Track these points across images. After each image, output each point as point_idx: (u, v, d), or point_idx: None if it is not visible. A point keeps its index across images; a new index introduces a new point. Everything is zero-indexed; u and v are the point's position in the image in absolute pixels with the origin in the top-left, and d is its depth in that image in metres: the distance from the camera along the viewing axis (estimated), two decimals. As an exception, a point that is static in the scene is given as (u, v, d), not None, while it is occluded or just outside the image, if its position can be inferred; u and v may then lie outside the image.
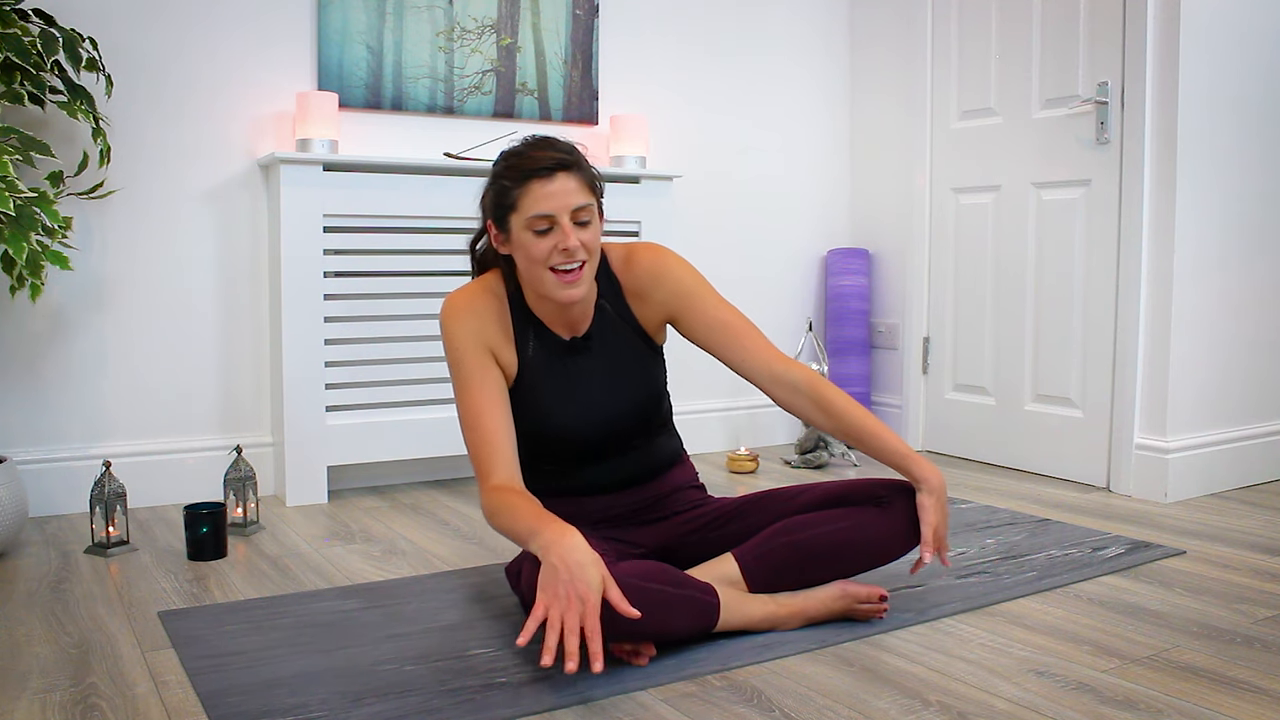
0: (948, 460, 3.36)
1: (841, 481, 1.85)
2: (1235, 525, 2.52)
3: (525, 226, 1.62)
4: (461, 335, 1.67)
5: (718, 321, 1.78)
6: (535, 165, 1.61)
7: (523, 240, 1.62)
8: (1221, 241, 2.87)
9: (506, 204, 1.63)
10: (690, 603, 1.62)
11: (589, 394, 1.76)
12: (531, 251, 1.62)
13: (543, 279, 1.64)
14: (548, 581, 1.44)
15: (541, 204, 1.60)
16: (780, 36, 3.59)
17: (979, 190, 3.30)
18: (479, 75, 3.03)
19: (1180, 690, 1.54)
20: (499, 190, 1.65)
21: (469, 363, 1.66)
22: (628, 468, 1.86)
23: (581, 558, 1.44)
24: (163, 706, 1.48)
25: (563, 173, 1.62)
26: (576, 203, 1.62)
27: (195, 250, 2.72)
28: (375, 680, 1.55)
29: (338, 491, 2.87)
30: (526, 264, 1.64)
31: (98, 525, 2.26)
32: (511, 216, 1.63)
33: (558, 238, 1.61)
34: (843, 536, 1.74)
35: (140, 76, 2.63)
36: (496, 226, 1.67)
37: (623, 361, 1.79)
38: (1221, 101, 2.82)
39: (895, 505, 1.78)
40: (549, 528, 1.49)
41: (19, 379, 2.55)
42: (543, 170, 1.61)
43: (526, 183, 1.61)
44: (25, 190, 2.14)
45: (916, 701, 1.50)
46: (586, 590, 1.42)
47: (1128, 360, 2.84)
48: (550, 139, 1.66)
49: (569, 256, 1.62)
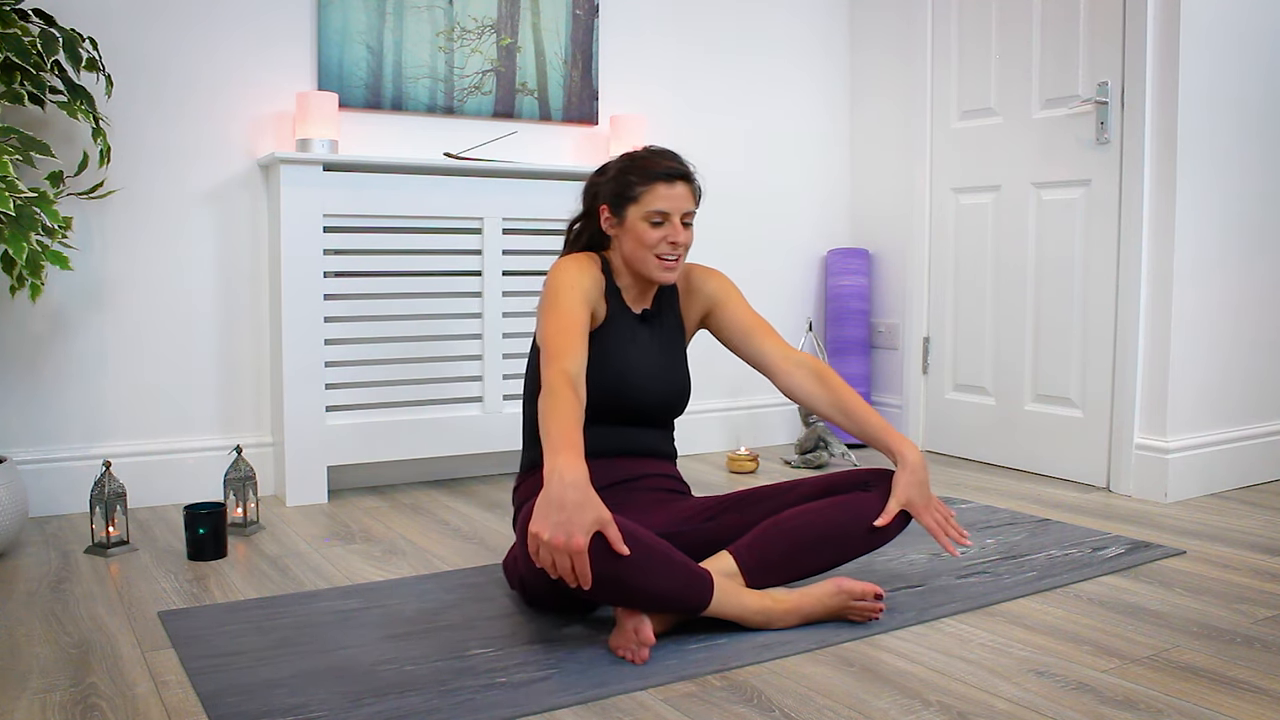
0: (948, 460, 3.36)
1: (831, 473, 1.93)
2: (1235, 525, 2.52)
3: (643, 217, 1.92)
4: (571, 278, 1.88)
5: (747, 319, 2.07)
6: (662, 170, 1.93)
7: (637, 228, 1.93)
8: (1221, 241, 2.87)
9: (629, 195, 1.94)
10: (682, 570, 1.65)
11: (651, 361, 2.00)
12: (644, 238, 1.93)
13: (646, 260, 1.94)
14: (542, 512, 1.51)
15: (661, 203, 1.92)
16: (780, 37, 3.59)
17: (979, 190, 3.30)
18: (479, 75, 3.03)
19: (1180, 690, 1.54)
20: (624, 183, 1.94)
21: (572, 294, 1.85)
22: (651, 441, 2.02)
23: (579, 498, 1.50)
24: (163, 706, 1.48)
25: (682, 182, 1.95)
26: (686, 208, 1.95)
27: (195, 250, 2.73)
28: (375, 680, 1.55)
29: (338, 491, 2.87)
30: (635, 246, 1.94)
31: (98, 525, 2.26)
32: (631, 207, 1.94)
33: (668, 231, 1.93)
34: (834, 523, 1.81)
35: (140, 76, 2.63)
36: (612, 211, 1.97)
37: (671, 344, 2.05)
38: (1221, 101, 2.82)
39: (882, 487, 1.86)
40: (563, 455, 1.54)
41: (19, 379, 2.55)
42: (668, 176, 1.93)
43: (653, 183, 1.92)
44: (25, 190, 2.14)
45: (916, 701, 1.50)
46: (579, 533, 1.49)
47: (1128, 360, 2.84)
48: (674, 152, 1.98)
49: (674, 248, 1.94)
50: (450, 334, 2.88)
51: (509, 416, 2.96)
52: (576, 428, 1.60)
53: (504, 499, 2.80)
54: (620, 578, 1.57)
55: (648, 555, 1.60)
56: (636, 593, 1.60)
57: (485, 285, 2.90)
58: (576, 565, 1.50)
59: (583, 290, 1.87)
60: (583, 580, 1.51)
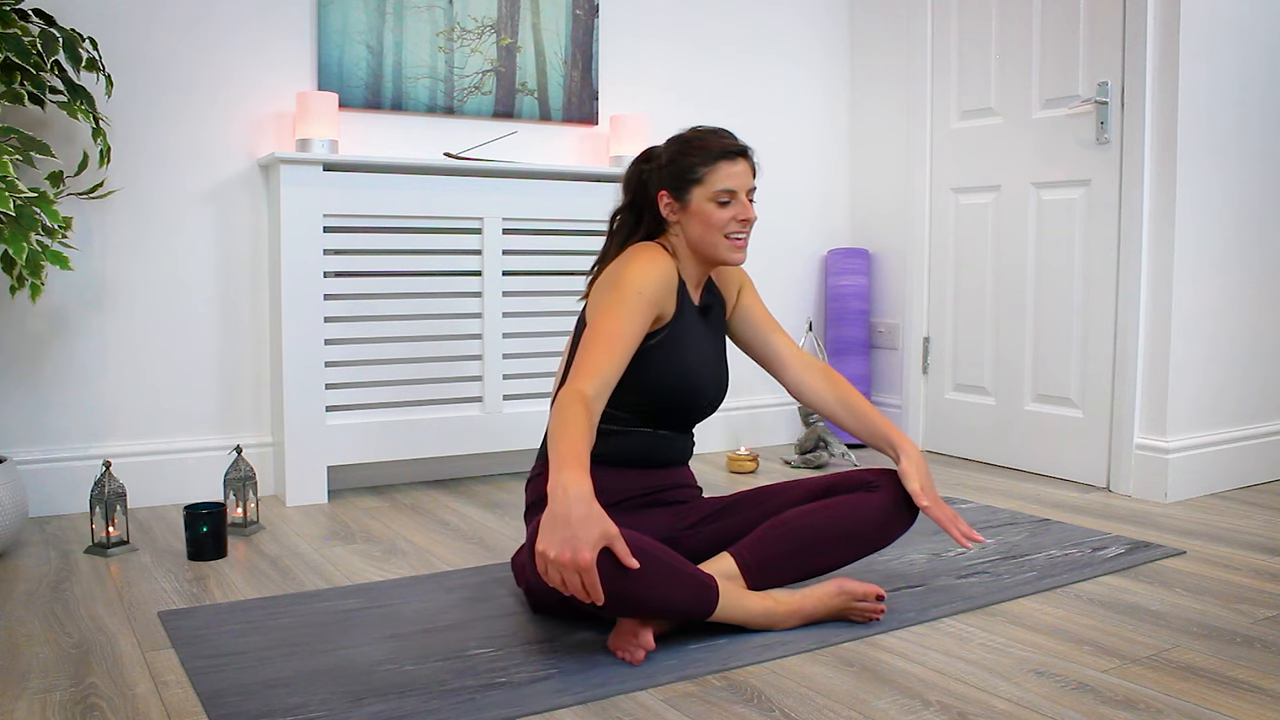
0: (948, 460, 3.36)
1: (833, 474, 1.92)
2: (1235, 525, 2.52)
3: (709, 198, 1.87)
4: (648, 279, 1.81)
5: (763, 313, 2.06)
6: (725, 147, 1.87)
7: (704, 209, 1.87)
8: (1221, 241, 2.87)
9: (691, 178, 1.88)
10: (688, 580, 1.64)
11: (708, 358, 1.96)
12: (712, 219, 1.87)
13: (717, 243, 1.88)
14: (548, 528, 1.48)
15: (727, 180, 1.86)
16: (780, 37, 3.59)
17: (979, 190, 3.30)
18: (479, 75, 3.03)
19: (1180, 690, 1.54)
20: (685, 165, 1.88)
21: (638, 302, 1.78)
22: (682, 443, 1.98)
23: (584, 513, 1.48)
24: (163, 706, 1.48)
25: (743, 158, 1.89)
26: (750, 183, 1.91)
27: (195, 250, 2.73)
28: (375, 680, 1.55)
29: (338, 491, 2.87)
30: (703, 230, 1.88)
31: (98, 525, 2.26)
32: (695, 189, 1.88)
33: (737, 209, 1.88)
34: (836, 523, 1.79)
35: (140, 76, 2.63)
36: (673, 195, 1.90)
37: (719, 337, 2.03)
38: (1221, 101, 2.82)
39: (884, 487, 1.85)
40: (569, 470, 1.51)
41: (19, 379, 2.55)
42: (731, 153, 1.88)
43: (716, 162, 1.87)
44: (25, 190, 2.14)
45: (916, 701, 1.50)
46: (585, 549, 1.46)
47: (1128, 360, 2.84)
48: (726, 130, 1.93)
49: (745, 226, 1.89)
50: (450, 334, 2.88)
51: (509, 416, 2.96)
52: (585, 445, 1.57)
53: (504, 499, 2.80)
54: (629, 592, 1.55)
55: (655, 568, 1.58)
56: (645, 605, 1.59)
57: (485, 285, 2.90)
58: (586, 582, 1.47)
59: (653, 297, 1.80)
60: (594, 596, 1.48)
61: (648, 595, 1.57)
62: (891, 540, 1.85)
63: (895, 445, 1.88)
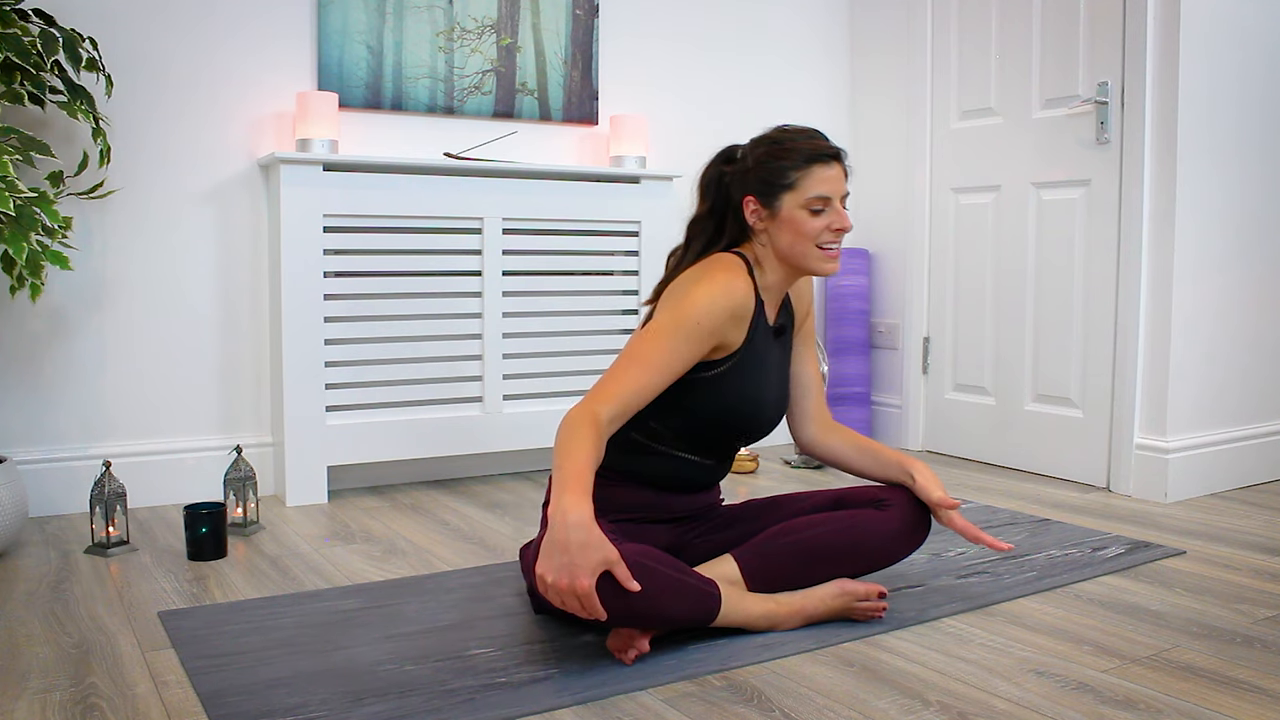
0: (948, 460, 3.36)
1: (844, 487, 1.89)
2: (1235, 525, 2.52)
3: (802, 205, 1.75)
4: (718, 307, 1.70)
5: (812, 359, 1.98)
6: (819, 150, 1.76)
7: (795, 217, 1.76)
8: (1221, 241, 2.87)
9: (783, 183, 1.76)
10: (691, 591, 1.63)
11: (775, 383, 1.86)
12: (803, 228, 1.76)
13: (808, 253, 1.78)
14: (548, 553, 1.47)
15: (822, 186, 1.75)
16: (780, 37, 3.59)
17: (979, 190, 3.30)
18: (479, 75, 3.03)
19: (1180, 690, 1.54)
20: (775, 170, 1.76)
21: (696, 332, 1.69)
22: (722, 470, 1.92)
23: (583, 539, 1.46)
24: (163, 706, 1.48)
25: (837, 162, 1.78)
26: (844, 190, 1.79)
27: (195, 250, 2.73)
28: (375, 680, 1.55)
29: (338, 491, 2.87)
30: (794, 239, 1.77)
31: (98, 525, 2.26)
32: (786, 195, 1.76)
33: (831, 218, 1.76)
34: (843, 537, 1.77)
35: (140, 76, 2.63)
36: (761, 202, 1.78)
37: (789, 355, 1.93)
38: (1221, 101, 2.82)
39: (895, 506, 1.81)
40: (570, 494, 1.49)
41: (19, 379, 2.55)
42: (825, 156, 1.76)
43: (809, 165, 1.75)
44: (25, 190, 2.14)
45: (916, 701, 1.50)
46: (583, 575, 1.45)
47: (1128, 360, 2.84)
48: (819, 131, 1.81)
49: (838, 236, 1.78)
50: (450, 334, 2.88)
51: (509, 416, 2.96)
52: (590, 467, 1.53)
53: (504, 499, 2.80)
54: (631, 610, 1.54)
55: (657, 583, 1.57)
56: (647, 619, 1.58)
57: (485, 285, 2.90)
58: (585, 605, 1.47)
59: (713, 327, 1.69)
60: (595, 615, 1.48)
61: (650, 610, 1.56)
62: (897, 560, 1.82)
63: (908, 468, 1.83)
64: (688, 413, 1.79)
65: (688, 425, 1.80)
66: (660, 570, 1.58)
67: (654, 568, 1.57)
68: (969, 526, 1.77)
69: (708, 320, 1.69)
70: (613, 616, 1.53)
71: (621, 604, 1.53)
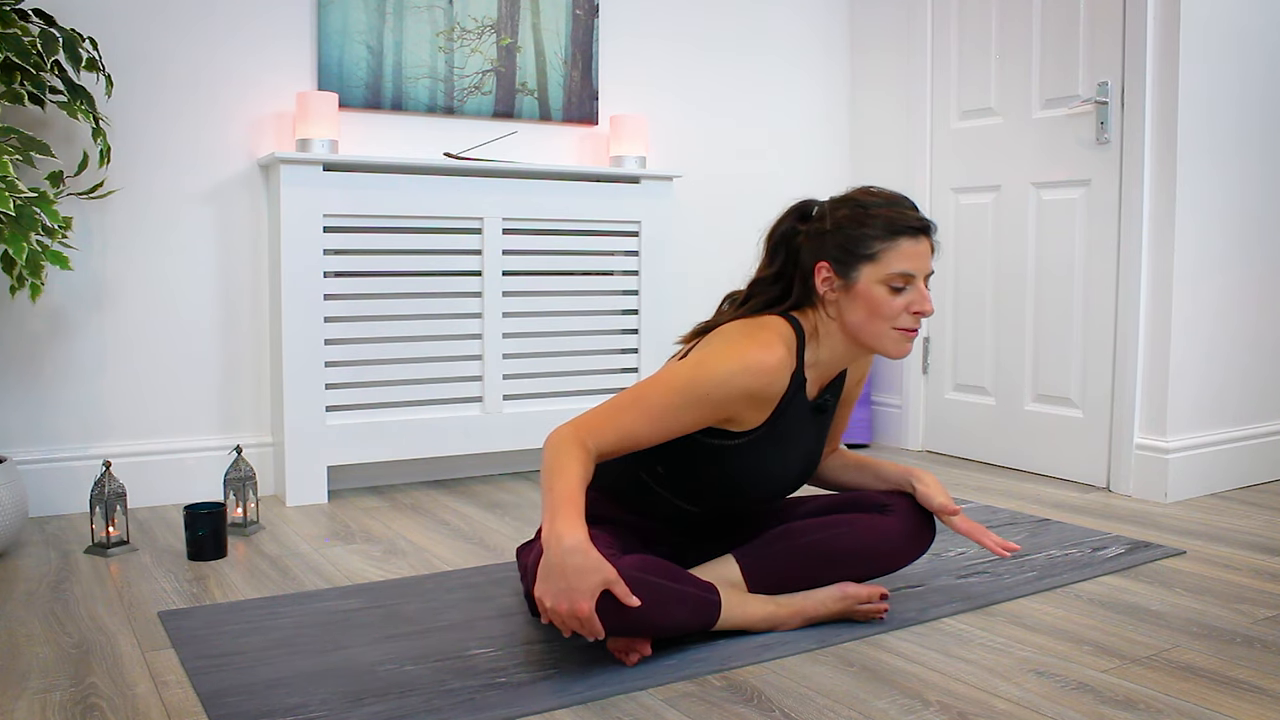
0: (948, 460, 3.36)
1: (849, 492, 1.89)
2: (1235, 525, 2.52)
3: (882, 280, 1.62)
4: (736, 385, 1.58)
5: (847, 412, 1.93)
6: (908, 222, 1.62)
7: (873, 293, 1.62)
8: (1221, 241, 2.87)
9: (864, 253, 1.62)
10: (691, 599, 1.62)
11: (798, 453, 1.74)
12: (881, 307, 1.62)
13: (882, 334, 1.64)
14: (545, 577, 1.46)
15: (907, 263, 1.61)
16: (780, 37, 3.59)
17: (979, 190, 3.30)
18: (479, 75, 3.03)
19: (1180, 690, 1.54)
20: (856, 237, 1.62)
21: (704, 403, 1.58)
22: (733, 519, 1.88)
23: (580, 563, 1.44)
24: (163, 706, 1.48)
25: (926, 237, 1.64)
26: (931, 268, 1.66)
27: (195, 250, 2.72)
28: (375, 680, 1.55)
29: (338, 491, 2.87)
30: (867, 316, 1.63)
31: (98, 525, 2.26)
32: (865, 266, 1.62)
33: (912, 298, 1.63)
34: (845, 542, 1.75)
35: (140, 76, 2.63)
36: (836, 271, 1.64)
37: (827, 427, 1.82)
38: (1221, 101, 2.82)
39: (898, 513, 1.79)
40: (562, 518, 1.47)
41: (19, 379, 2.55)
42: (914, 229, 1.62)
43: (896, 238, 1.61)
44: (25, 190, 2.14)
45: (916, 701, 1.50)
46: (581, 599, 1.44)
47: (1128, 360, 2.84)
48: (908, 198, 1.67)
49: (918, 320, 1.64)
50: (450, 334, 2.88)
51: (509, 416, 2.96)
52: (580, 487, 1.50)
53: (504, 499, 2.80)
54: (631, 623, 1.54)
55: (657, 595, 1.55)
56: (648, 629, 1.57)
57: (485, 285, 2.90)
58: (585, 627, 1.46)
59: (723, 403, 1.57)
60: (595, 635, 1.47)
61: (650, 622, 1.56)
62: (900, 566, 1.81)
63: (910, 477, 1.81)
64: (693, 473, 1.70)
65: (693, 483, 1.72)
66: (659, 583, 1.57)
67: (653, 581, 1.56)
68: (973, 530, 1.76)
69: (718, 393, 1.57)
70: (613, 630, 1.53)
71: (622, 619, 1.52)
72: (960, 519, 1.76)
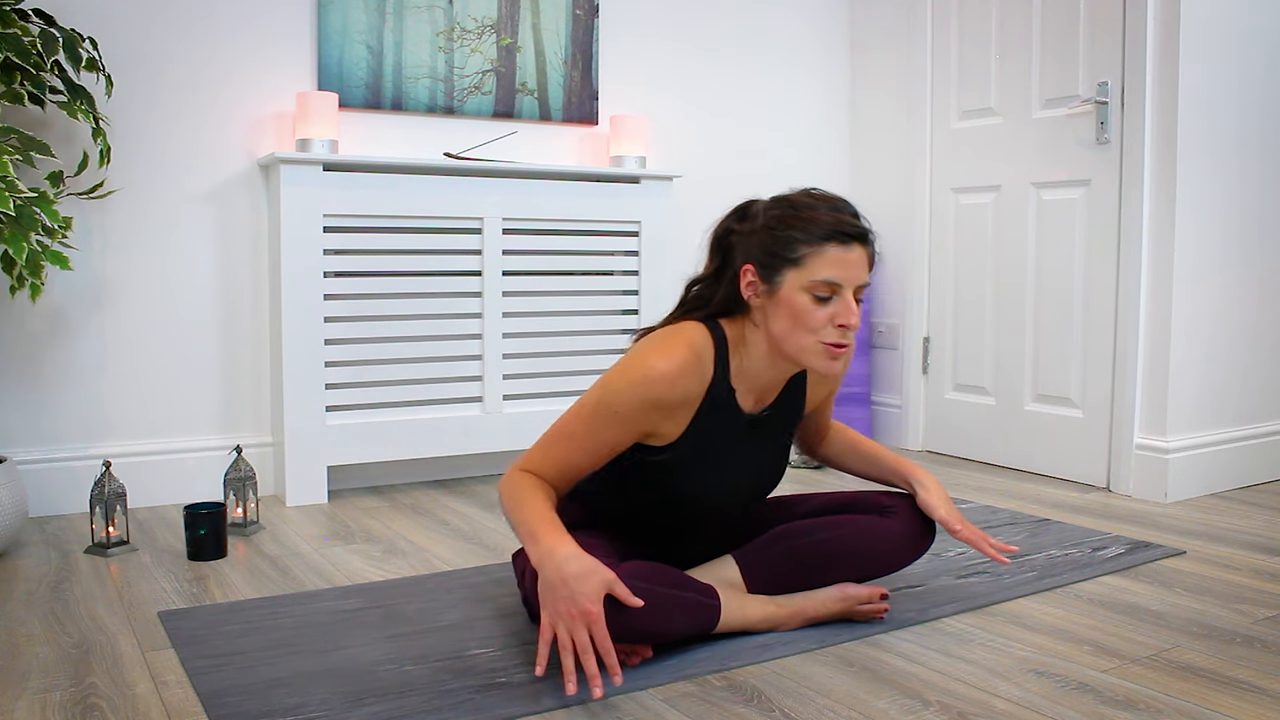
0: (948, 460, 3.36)
1: (849, 491, 1.88)
2: (1235, 525, 2.52)
3: (804, 288, 1.51)
4: (635, 396, 1.52)
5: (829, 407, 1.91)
6: (839, 225, 1.50)
7: (795, 301, 1.51)
8: (1221, 242, 2.87)
9: (788, 256, 1.51)
10: (690, 604, 1.62)
11: (740, 468, 1.69)
12: (803, 316, 1.51)
13: (804, 347, 1.53)
14: (548, 597, 1.44)
15: (833, 270, 1.50)
16: (780, 36, 3.59)
17: (979, 190, 3.30)
18: (479, 75, 3.03)
19: (1180, 690, 1.54)
20: (783, 239, 1.52)
21: (611, 418, 1.54)
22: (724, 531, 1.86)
23: (579, 568, 1.44)
24: (163, 706, 1.48)
25: (860, 245, 1.52)
26: (864, 279, 1.54)
27: (195, 250, 2.73)
28: (375, 680, 1.55)
29: (338, 491, 2.87)
30: (790, 326, 1.53)
31: (98, 525, 2.26)
32: (789, 271, 1.52)
33: (837, 309, 1.51)
34: (846, 544, 1.75)
35: (140, 76, 2.63)
36: (760, 274, 1.55)
37: (782, 438, 1.75)
38: (1221, 101, 2.82)
39: (899, 514, 1.79)
40: (548, 539, 1.47)
41: (19, 379, 2.55)
42: (845, 236, 1.50)
43: (823, 243, 1.50)
44: (25, 190, 2.14)
45: (916, 701, 1.50)
46: (588, 603, 1.42)
47: (1128, 360, 2.84)
48: (848, 203, 1.55)
49: (844, 334, 1.53)
50: (450, 334, 2.88)
51: (509, 416, 2.96)
52: (549, 509, 1.50)
53: (504, 499, 2.80)
54: (632, 629, 1.53)
55: (657, 601, 1.55)
56: (649, 636, 1.57)
57: (485, 285, 2.90)
58: (596, 636, 1.42)
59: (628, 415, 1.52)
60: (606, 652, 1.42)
61: (651, 627, 1.55)
62: (900, 568, 1.81)
63: (912, 478, 1.79)
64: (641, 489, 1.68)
65: (645, 500, 1.69)
66: (658, 589, 1.56)
67: (651, 588, 1.55)
68: (973, 538, 1.75)
69: (624, 408, 1.52)
70: (614, 639, 1.52)
71: (623, 624, 1.51)
72: (963, 530, 1.74)
